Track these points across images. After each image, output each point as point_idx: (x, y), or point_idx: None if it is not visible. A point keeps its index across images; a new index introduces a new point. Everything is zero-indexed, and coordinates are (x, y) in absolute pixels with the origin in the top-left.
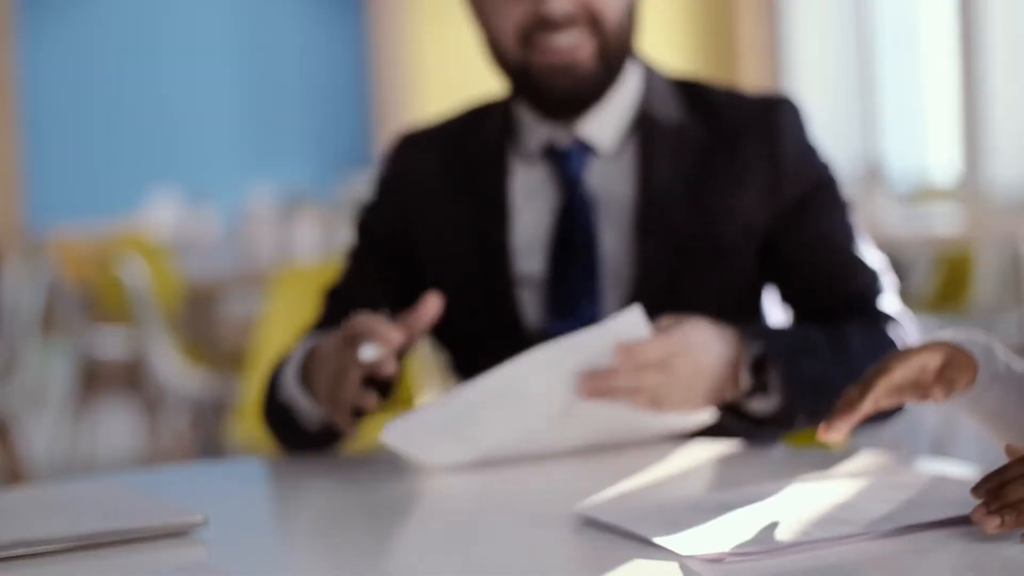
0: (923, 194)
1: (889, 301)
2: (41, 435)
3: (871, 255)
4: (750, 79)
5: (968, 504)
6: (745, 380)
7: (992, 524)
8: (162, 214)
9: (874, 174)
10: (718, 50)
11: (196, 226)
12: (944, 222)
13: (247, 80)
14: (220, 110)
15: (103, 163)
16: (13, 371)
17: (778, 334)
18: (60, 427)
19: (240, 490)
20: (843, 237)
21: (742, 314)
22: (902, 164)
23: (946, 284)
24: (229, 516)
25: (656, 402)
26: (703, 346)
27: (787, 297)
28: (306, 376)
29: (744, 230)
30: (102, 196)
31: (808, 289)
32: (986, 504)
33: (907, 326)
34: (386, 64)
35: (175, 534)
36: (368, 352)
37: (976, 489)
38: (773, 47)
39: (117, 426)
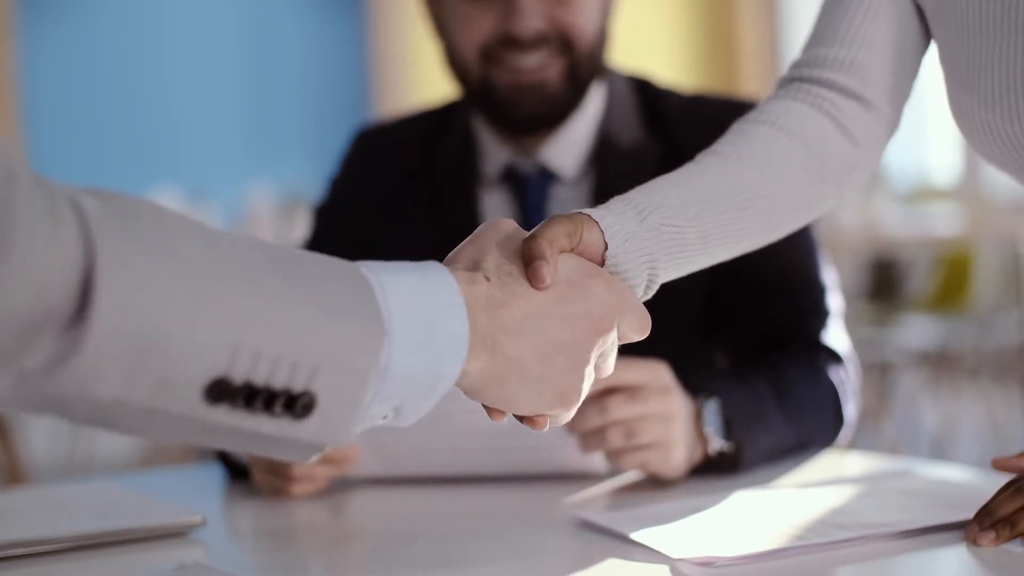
0: (923, 194)
1: (835, 335)
2: (41, 435)
3: (825, 278)
4: (750, 82)
5: (965, 508)
6: (716, 444)
7: (987, 539)
8: None
9: (874, 174)
10: (718, 53)
11: None
12: (944, 222)
13: (247, 80)
14: (220, 110)
15: (104, 162)
16: None
17: (732, 398)
18: (60, 427)
19: (239, 491)
20: (795, 266)
21: (688, 358)
22: (902, 164)
23: (946, 284)
24: (228, 517)
25: (631, 435)
26: (673, 389)
27: (729, 324)
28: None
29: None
30: None
31: (753, 323)
32: (978, 523)
33: (848, 362)
34: (386, 64)
35: (174, 534)
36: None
37: (970, 524)
38: (773, 49)
39: None
